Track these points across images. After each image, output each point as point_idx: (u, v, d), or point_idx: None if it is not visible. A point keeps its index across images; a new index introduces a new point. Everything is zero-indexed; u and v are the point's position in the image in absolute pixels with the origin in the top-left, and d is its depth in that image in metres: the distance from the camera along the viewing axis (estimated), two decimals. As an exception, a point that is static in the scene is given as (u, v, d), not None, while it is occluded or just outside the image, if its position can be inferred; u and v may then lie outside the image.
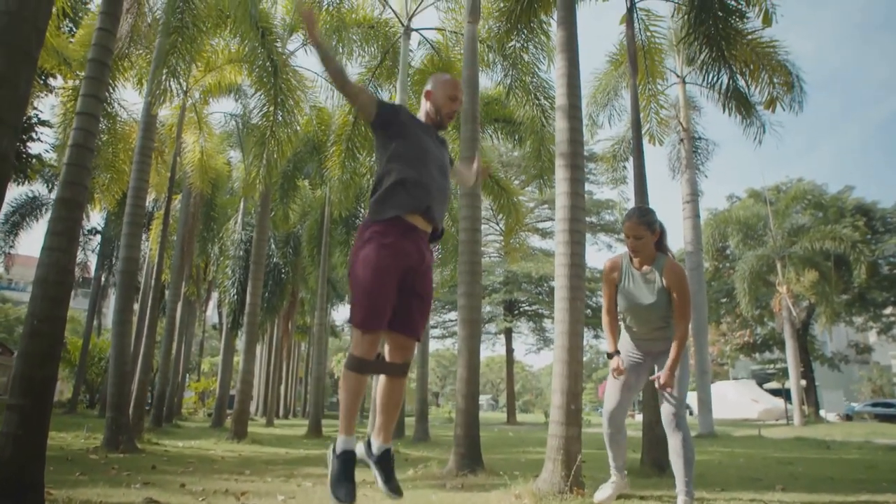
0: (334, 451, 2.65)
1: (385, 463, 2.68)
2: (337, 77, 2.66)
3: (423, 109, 2.95)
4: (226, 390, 15.39)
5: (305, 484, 4.69)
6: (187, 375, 28.62)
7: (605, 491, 3.76)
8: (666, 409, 3.45)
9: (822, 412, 27.82)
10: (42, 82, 11.95)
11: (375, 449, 2.70)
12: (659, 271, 3.51)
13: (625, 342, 3.73)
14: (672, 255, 3.64)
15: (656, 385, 3.39)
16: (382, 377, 2.75)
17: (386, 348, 2.76)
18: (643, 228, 3.46)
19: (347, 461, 2.57)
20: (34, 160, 13.45)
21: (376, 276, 2.48)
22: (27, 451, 2.99)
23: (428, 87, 2.94)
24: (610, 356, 3.45)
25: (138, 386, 9.78)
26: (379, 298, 2.51)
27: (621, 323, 3.73)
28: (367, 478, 2.99)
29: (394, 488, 2.64)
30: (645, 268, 3.53)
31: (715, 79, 7.94)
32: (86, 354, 22.61)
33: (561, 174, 4.50)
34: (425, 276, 2.67)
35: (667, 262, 3.54)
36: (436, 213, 2.66)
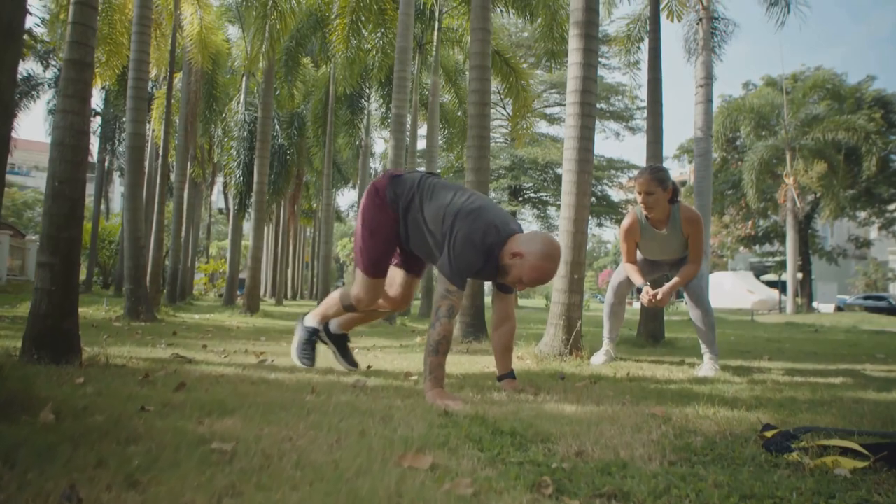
0: (303, 324, 3.31)
1: (341, 341, 3.38)
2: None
3: (503, 254, 2.58)
4: (235, 270, 15.83)
5: (319, 347, 4.97)
6: (196, 258, 29.33)
7: (598, 357, 4.03)
8: (691, 285, 3.72)
9: (814, 303, 28.62)
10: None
11: (333, 329, 3.36)
12: (676, 223, 3.65)
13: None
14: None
15: (648, 296, 3.60)
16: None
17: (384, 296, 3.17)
18: (655, 184, 3.54)
19: (312, 335, 3.30)
20: (25, 35, 12.97)
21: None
22: (61, 305, 3.16)
23: (524, 249, 2.52)
24: (639, 290, 3.67)
25: (152, 261, 10.07)
26: (384, 252, 2.97)
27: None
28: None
29: (350, 361, 3.36)
30: (665, 230, 3.67)
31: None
32: (96, 237, 23.04)
33: (574, 44, 4.37)
34: None
35: (683, 211, 3.66)
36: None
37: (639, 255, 3.97)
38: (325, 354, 4.09)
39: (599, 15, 4.68)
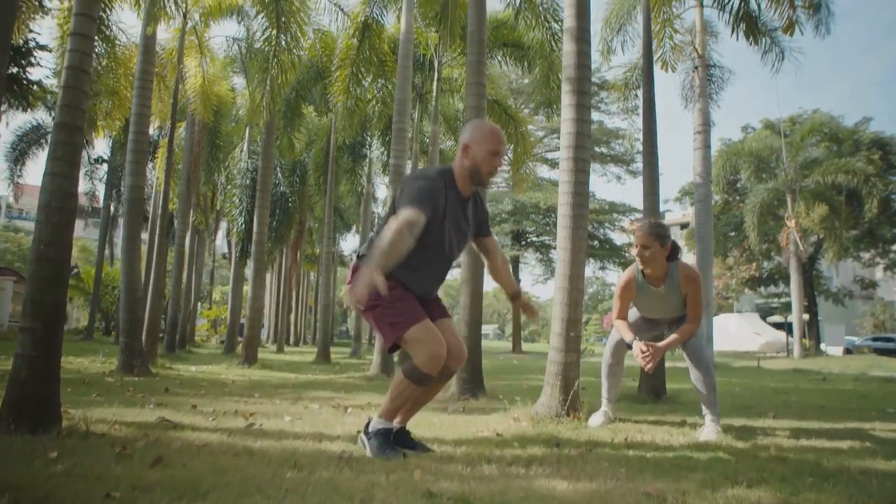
0: (367, 432, 2.75)
1: (408, 438, 2.87)
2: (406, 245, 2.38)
3: (458, 163, 2.66)
4: (236, 317, 15.75)
5: (312, 406, 4.86)
6: (199, 304, 29.24)
7: (597, 418, 3.91)
8: (689, 344, 3.61)
9: (822, 346, 28.23)
10: (37, 3, 11.61)
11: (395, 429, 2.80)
12: (675, 280, 3.58)
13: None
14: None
15: (640, 351, 3.48)
16: None
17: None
18: (652, 239, 3.47)
19: (387, 434, 2.71)
20: (35, 86, 13.24)
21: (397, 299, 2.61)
22: (41, 372, 3.09)
23: (465, 138, 2.64)
24: (629, 346, 3.56)
25: (150, 312, 10.00)
26: (405, 302, 2.64)
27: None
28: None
29: (424, 448, 2.85)
30: (662, 287, 3.60)
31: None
32: (99, 283, 23.04)
33: (567, 100, 4.40)
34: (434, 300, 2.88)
35: (681, 269, 3.59)
36: (432, 291, 2.87)
37: (637, 313, 3.89)
38: (318, 418, 3.99)
39: (591, 70, 4.72)
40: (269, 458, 2.62)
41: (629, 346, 3.58)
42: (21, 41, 12.17)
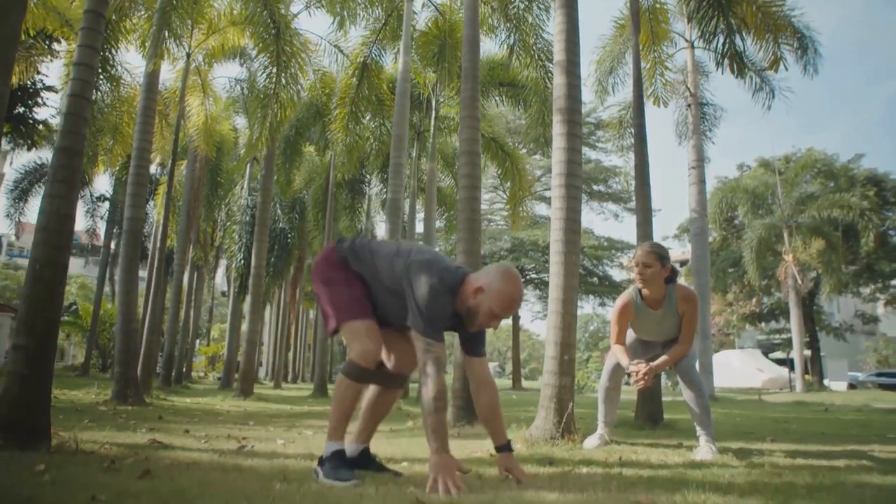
0: (321, 464, 2.56)
1: (372, 460, 2.78)
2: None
3: (466, 292, 2.52)
4: (234, 354, 15.65)
5: (306, 432, 4.82)
6: (197, 340, 29.06)
7: (592, 440, 3.89)
8: (680, 365, 3.62)
9: (825, 381, 27.94)
10: (46, 46, 11.93)
11: (350, 451, 2.70)
12: (672, 302, 3.63)
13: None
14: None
15: (635, 377, 3.54)
16: (380, 387, 2.80)
17: (391, 359, 2.78)
18: (654, 258, 3.53)
19: (342, 457, 2.55)
20: (41, 126, 13.49)
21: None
22: (33, 391, 3.09)
23: (486, 280, 2.50)
24: (626, 371, 3.62)
25: (146, 345, 9.97)
26: (360, 300, 2.62)
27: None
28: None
29: (393, 472, 2.70)
30: (660, 310, 3.64)
31: (712, 36, 7.80)
32: (97, 319, 22.95)
33: (558, 129, 4.50)
34: None
35: (679, 290, 3.64)
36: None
37: (632, 335, 3.90)
38: (311, 441, 3.96)
39: (581, 102, 4.84)
40: (259, 473, 2.61)
41: (627, 373, 3.59)
42: (28, 82, 12.47)
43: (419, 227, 15.48)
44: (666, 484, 2.54)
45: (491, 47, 13.60)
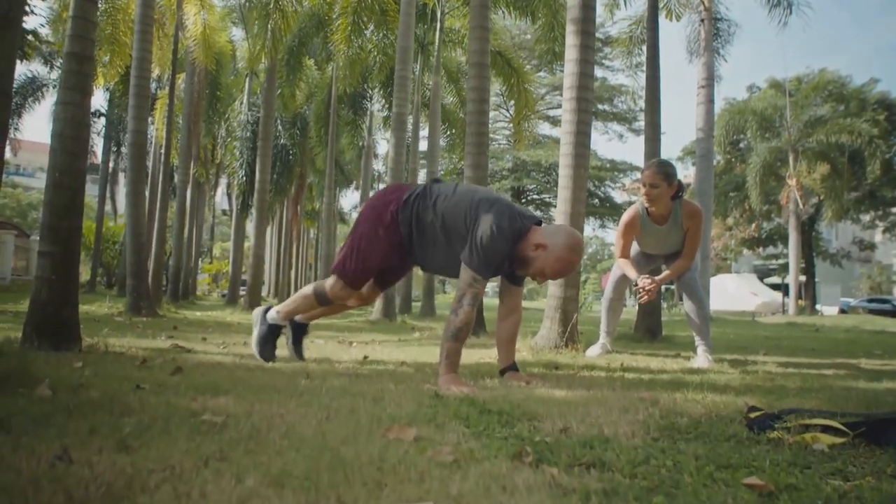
0: (265, 317, 3.17)
1: (300, 329, 3.29)
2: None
3: (526, 245, 2.58)
4: (238, 271, 15.87)
5: (318, 341, 5.01)
6: (200, 259, 29.38)
7: (594, 349, 4.06)
8: (683, 278, 3.76)
9: (818, 306, 28.53)
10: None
11: (298, 319, 3.25)
12: (678, 218, 3.67)
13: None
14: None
15: (640, 284, 3.67)
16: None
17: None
18: (660, 178, 3.55)
19: (275, 331, 3.18)
20: (30, 36, 13.06)
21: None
22: (61, 294, 3.20)
23: (551, 240, 2.54)
24: (634, 283, 3.71)
25: (154, 259, 10.13)
26: (376, 256, 2.88)
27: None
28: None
29: (298, 351, 3.26)
30: (665, 225, 3.69)
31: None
32: (100, 237, 23.11)
33: (571, 40, 4.41)
34: None
35: (685, 207, 3.68)
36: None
37: (636, 248, 4.00)
38: (325, 349, 4.13)
39: (596, 12, 4.71)
40: (282, 372, 2.76)
41: (634, 284, 3.70)
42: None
43: (422, 145, 15.31)
44: (666, 385, 2.71)
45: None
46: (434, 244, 2.74)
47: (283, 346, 3.33)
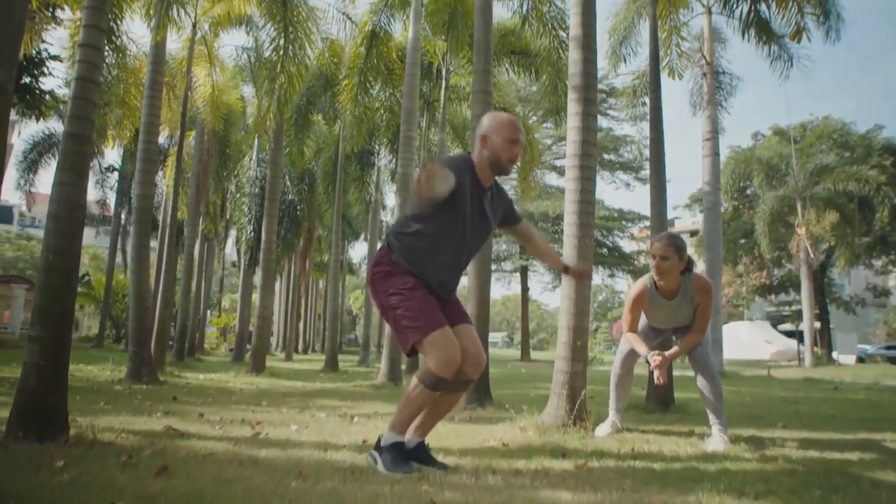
0: (379, 446, 2.66)
1: (426, 453, 2.77)
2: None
3: (477, 154, 2.69)
4: (245, 326, 15.80)
5: (319, 415, 4.86)
6: (208, 312, 29.36)
7: (604, 428, 3.89)
8: (694, 353, 3.62)
9: (834, 354, 27.92)
10: (49, 14, 11.76)
11: (411, 443, 2.73)
12: (687, 292, 3.59)
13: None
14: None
15: (652, 364, 3.53)
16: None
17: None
18: (671, 250, 3.50)
19: (400, 448, 2.63)
20: (47, 96, 13.40)
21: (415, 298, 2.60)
22: (49, 381, 3.11)
23: (483, 130, 2.71)
24: (646, 360, 3.60)
25: (159, 321, 10.05)
26: (426, 307, 2.59)
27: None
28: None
29: (441, 466, 2.71)
30: (674, 300, 3.62)
31: (735, 5, 7.56)
32: (109, 290, 23.21)
33: (573, 108, 4.40)
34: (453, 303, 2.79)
35: (694, 281, 3.60)
36: (449, 287, 2.77)
37: (644, 321, 3.88)
38: (325, 427, 3.99)
39: (597, 78, 4.72)
40: (275, 467, 2.63)
41: (647, 361, 3.58)
42: (34, 52, 12.33)
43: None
44: (679, 480, 2.55)
45: (502, 12, 13.26)
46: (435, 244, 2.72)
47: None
